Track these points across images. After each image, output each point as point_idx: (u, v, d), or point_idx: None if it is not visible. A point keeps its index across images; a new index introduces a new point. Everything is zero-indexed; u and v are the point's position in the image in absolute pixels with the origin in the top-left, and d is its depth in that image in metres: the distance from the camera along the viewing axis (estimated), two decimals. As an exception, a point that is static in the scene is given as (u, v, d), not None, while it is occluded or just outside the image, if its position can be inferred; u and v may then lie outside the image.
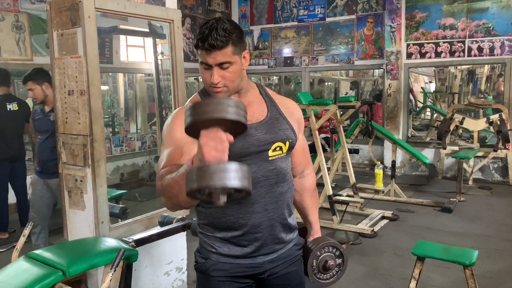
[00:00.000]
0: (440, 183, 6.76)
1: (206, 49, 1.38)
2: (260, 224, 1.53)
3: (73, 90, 2.54)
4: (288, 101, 1.68)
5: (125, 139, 6.67)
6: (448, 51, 7.00)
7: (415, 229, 4.70)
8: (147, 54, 6.61)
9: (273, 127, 1.54)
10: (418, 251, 2.81)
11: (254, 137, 1.49)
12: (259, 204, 1.52)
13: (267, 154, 1.52)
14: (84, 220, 2.63)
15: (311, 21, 8.14)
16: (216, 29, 1.37)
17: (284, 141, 1.55)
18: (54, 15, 2.56)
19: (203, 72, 1.44)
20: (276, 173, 1.55)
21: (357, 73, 11.21)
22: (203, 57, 1.41)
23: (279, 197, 1.56)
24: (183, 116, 1.21)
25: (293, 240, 1.67)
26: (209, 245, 1.58)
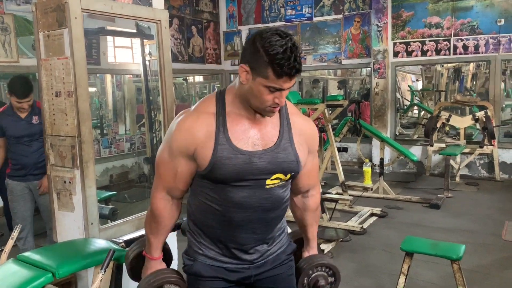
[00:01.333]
0: (427, 180, 6.84)
1: (293, 75, 1.32)
2: (246, 243, 1.54)
3: (60, 92, 2.53)
4: (306, 124, 1.58)
5: (113, 140, 6.63)
6: (434, 50, 7.08)
7: (404, 225, 4.75)
8: (135, 55, 6.59)
9: (278, 158, 1.46)
10: (407, 247, 2.85)
11: (255, 165, 1.43)
12: (248, 226, 1.51)
13: (265, 182, 1.47)
14: (73, 222, 2.61)
15: (299, 21, 8.17)
16: (296, 56, 1.30)
17: (285, 173, 1.49)
18: (40, 16, 2.55)
19: (265, 94, 1.35)
20: (271, 201, 1.51)
21: (345, 72, 11.27)
22: (279, 83, 1.33)
23: (270, 221, 1.55)
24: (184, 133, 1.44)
25: (282, 245, 1.65)
26: (196, 246, 1.59)
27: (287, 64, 1.29)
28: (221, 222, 1.51)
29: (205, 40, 8.42)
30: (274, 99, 1.37)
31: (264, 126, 1.48)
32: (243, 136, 1.44)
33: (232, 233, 1.51)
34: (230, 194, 1.46)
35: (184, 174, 1.49)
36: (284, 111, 1.53)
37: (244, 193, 1.46)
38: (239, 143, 1.43)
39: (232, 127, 1.44)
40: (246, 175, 1.43)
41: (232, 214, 1.48)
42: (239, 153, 1.42)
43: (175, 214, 1.60)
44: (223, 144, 1.41)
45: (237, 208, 1.47)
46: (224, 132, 1.42)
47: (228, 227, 1.51)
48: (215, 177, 1.44)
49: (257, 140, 1.45)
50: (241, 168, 1.42)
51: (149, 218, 1.60)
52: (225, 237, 1.53)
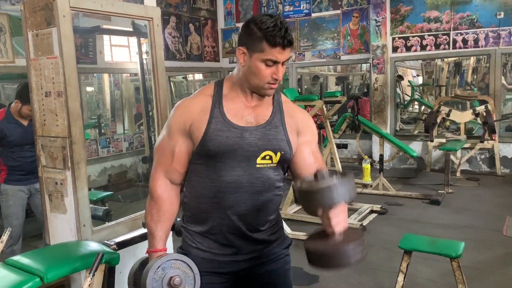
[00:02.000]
0: (428, 175, 6.79)
1: (285, 46, 1.41)
2: (238, 228, 1.54)
3: (50, 92, 2.49)
4: (298, 112, 1.64)
5: (111, 140, 6.60)
6: (433, 44, 7.02)
7: (404, 222, 4.71)
8: (132, 54, 6.54)
9: (269, 135, 1.51)
10: (405, 245, 2.81)
11: (246, 140, 1.49)
12: (239, 207, 1.51)
13: (255, 160, 1.50)
14: (66, 224, 2.57)
15: (297, 17, 8.11)
16: (287, 29, 1.41)
17: (275, 151, 1.52)
18: (29, 15, 2.51)
19: (263, 69, 1.44)
20: (262, 181, 1.52)
21: (345, 68, 11.21)
22: (275, 55, 1.41)
23: (262, 206, 1.54)
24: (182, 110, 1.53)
25: (278, 238, 1.64)
26: (190, 239, 1.59)
27: (278, 35, 1.39)
28: (213, 205, 1.52)
29: (203, 37, 8.36)
30: (272, 74, 1.44)
31: (258, 108, 1.55)
32: (237, 114, 1.51)
33: (224, 216, 1.52)
34: (221, 173, 1.49)
35: (182, 154, 1.54)
36: (277, 98, 1.60)
37: (235, 172, 1.49)
38: (233, 119, 1.50)
39: (227, 105, 1.52)
40: (237, 149, 1.47)
41: (223, 194, 1.50)
42: (232, 127, 1.48)
43: (175, 200, 1.60)
44: (217, 118, 1.49)
45: (228, 187, 1.50)
46: (219, 108, 1.51)
47: (219, 210, 1.52)
48: (208, 149, 1.48)
49: (250, 119, 1.52)
50: (233, 142, 1.47)
51: (148, 207, 1.59)
52: (218, 222, 1.53)
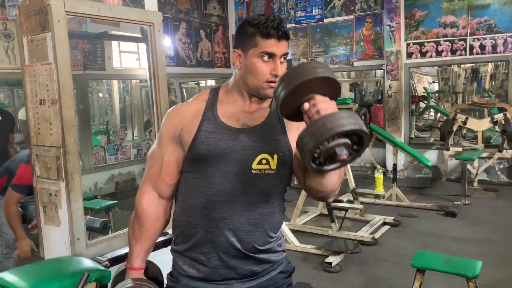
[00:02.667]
0: (444, 185, 6.56)
1: (280, 37, 1.33)
2: (232, 245, 1.37)
3: (44, 99, 2.39)
4: None
5: (119, 147, 6.53)
6: (449, 50, 6.81)
7: (418, 235, 4.51)
8: (142, 60, 6.48)
9: (265, 136, 1.38)
10: (418, 263, 2.63)
11: (241, 142, 1.36)
12: (232, 221, 1.36)
13: (250, 165, 1.36)
14: (60, 237, 2.47)
15: (309, 23, 7.99)
16: (281, 21, 1.34)
17: (271, 154, 1.37)
18: (23, 20, 2.42)
19: (260, 66, 1.34)
20: (258, 190, 1.37)
21: (359, 74, 11.04)
22: (269, 46, 1.33)
23: (258, 219, 1.38)
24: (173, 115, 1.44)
25: (278, 265, 1.48)
26: (179, 267, 1.44)
27: (271, 25, 1.32)
28: (203, 217, 1.37)
29: (213, 44, 8.29)
30: (271, 70, 1.35)
31: (256, 111, 1.43)
32: (232, 116, 1.41)
33: (215, 230, 1.36)
34: (212, 180, 1.36)
35: (171, 163, 1.43)
36: (275, 104, 1.42)
37: (227, 178, 1.36)
38: (227, 121, 1.40)
39: (222, 108, 1.42)
40: (230, 152, 1.35)
41: (214, 204, 1.36)
42: (226, 129, 1.38)
43: (161, 216, 1.48)
44: (209, 120, 1.39)
45: (219, 196, 1.35)
46: (212, 111, 1.41)
47: (210, 223, 1.37)
48: (198, 153, 1.36)
49: (246, 121, 1.41)
50: (226, 144, 1.35)
51: (132, 220, 1.50)
52: (208, 238, 1.37)
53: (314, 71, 1.16)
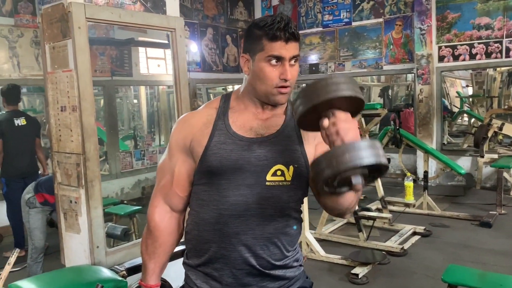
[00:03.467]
0: (478, 194, 6.29)
1: (287, 39, 1.24)
2: (246, 260, 1.29)
3: (65, 106, 2.40)
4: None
5: (146, 152, 6.56)
6: (483, 53, 6.55)
7: (450, 246, 4.31)
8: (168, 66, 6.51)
9: (280, 145, 1.30)
10: (449, 278, 2.49)
11: (254, 153, 1.28)
12: (246, 235, 1.28)
13: (264, 177, 1.28)
14: (80, 244, 2.46)
15: (337, 26, 7.85)
16: (289, 22, 1.24)
17: (287, 165, 1.29)
18: (46, 27, 2.43)
19: (268, 70, 1.26)
20: (272, 203, 1.29)
21: (389, 78, 10.79)
22: (276, 49, 1.24)
23: (273, 233, 1.30)
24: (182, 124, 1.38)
25: (295, 281, 1.39)
26: (191, 281, 1.37)
27: (277, 26, 1.23)
28: (215, 232, 1.30)
29: (240, 49, 8.26)
30: (280, 75, 1.26)
31: (270, 120, 1.35)
32: (245, 125, 1.33)
33: (228, 245, 1.29)
34: (225, 193, 1.29)
35: (182, 176, 1.36)
36: (290, 112, 1.37)
37: (241, 191, 1.28)
38: (239, 130, 1.32)
39: (234, 117, 1.35)
40: (243, 164, 1.28)
41: (227, 219, 1.28)
42: (238, 139, 1.30)
43: (174, 230, 1.42)
44: (221, 130, 1.32)
45: (233, 210, 1.28)
46: (223, 120, 1.33)
47: (224, 239, 1.29)
48: (210, 165, 1.29)
49: (260, 130, 1.33)
50: (239, 156, 1.28)
51: (144, 235, 1.44)
52: (221, 254, 1.30)
53: (336, 89, 1.09)
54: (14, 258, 2.10)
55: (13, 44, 5.26)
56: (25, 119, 4.38)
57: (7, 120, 4.32)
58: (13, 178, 4.31)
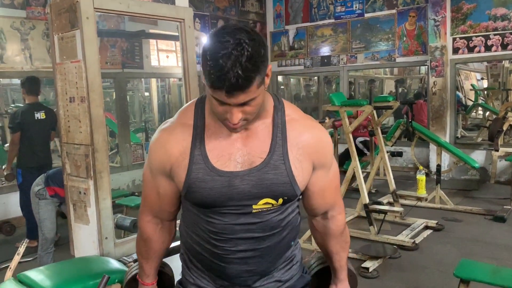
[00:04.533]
0: (492, 188, 6.18)
1: (228, 92, 1.03)
2: (238, 276, 1.26)
3: (74, 97, 2.39)
4: (309, 132, 1.24)
5: (157, 144, 6.58)
6: (499, 44, 6.40)
7: (463, 241, 4.25)
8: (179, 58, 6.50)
9: (265, 179, 1.18)
10: (462, 273, 2.44)
11: (237, 189, 1.17)
12: (236, 255, 1.23)
13: (251, 207, 1.20)
14: (89, 235, 2.47)
15: (349, 18, 7.75)
16: (240, 62, 1.00)
17: (276, 198, 1.20)
18: (54, 18, 2.42)
19: (215, 105, 1.10)
20: (261, 226, 1.22)
21: (402, 70, 10.66)
22: (220, 95, 1.06)
23: (267, 250, 1.25)
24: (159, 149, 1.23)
25: (291, 277, 1.35)
26: (187, 273, 1.36)
27: (217, 76, 1.02)
28: (207, 250, 1.26)
29: (251, 41, 8.20)
30: (225, 113, 1.10)
31: (252, 139, 1.20)
32: (223, 153, 1.19)
33: (220, 261, 1.24)
34: (210, 220, 1.22)
35: (168, 195, 1.29)
36: (280, 119, 1.22)
37: (226, 219, 1.21)
38: (217, 162, 1.18)
39: (211, 142, 1.20)
40: (225, 200, 1.18)
41: (215, 242, 1.23)
42: (217, 175, 1.17)
43: (166, 238, 1.40)
44: (198, 163, 1.18)
45: (220, 234, 1.22)
46: (200, 148, 1.19)
47: (215, 256, 1.25)
48: (193, 201, 1.23)
49: (240, 157, 1.19)
50: (219, 193, 1.17)
51: (138, 242, 1.43)
52: (214, 268, 1.27)
53: None
54: (23, 248, 2.11)
55: (25, 37, 5.28)
56: (45, 113, 4.42)
57: (27, 112, 4.36)
58: (29, 170, 4.35)
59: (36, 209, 3.39)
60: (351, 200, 5.17)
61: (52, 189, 3.31)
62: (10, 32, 5.17)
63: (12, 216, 5.02)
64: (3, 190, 5.12)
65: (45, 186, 3.32)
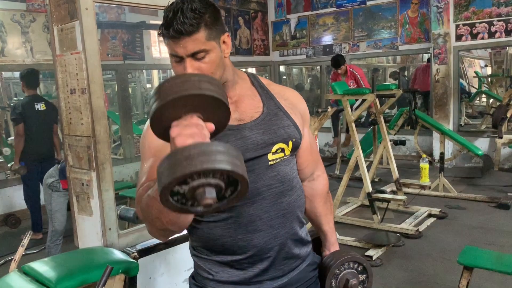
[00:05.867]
0: (496, 175, 6.17)
1: (173, 37, 1.10)
2: (265, 245, 1.25)
3: (74, 89, 2.38)
4: (288, 91, 1.40)
5: (159, 136, 6.58)
6: (503, 31, 6.34)
7: (466, 228, 4.25)
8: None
9: (272, 125, 1.26)
10: (465, 260, 2.45)
11: (250, 139, 1.22)
12: (262, 220, 1.23)
13: (267, 158, 1.24)
14: (92, 227, 2.47)
15: (351, 6, 7.69)
16: (182, 10, 1.09)
17: (286, 141, 1.27)
18: (53, 9, 2.41)
19: (175, 66, 1.17)
20: (280, 179, 1.26)
21: (405, 58, 10.59)
22: (171, 47, 1.14)
23: (287, 208, 1.28)
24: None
25: (307, 258, 1.38)
26: (204, 270, 1.30)
27: (168, 22, 1.10)
28: (229, 227, 1.23)
29: (252, 31, 8.16)
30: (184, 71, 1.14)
31: (241, 101, 1.28)
32: None
33: (245, 236, 1.23)
34: None
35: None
36: (257, 83, 1.34)
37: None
38: None
39: None
40: (242, 153, 1.12)
41: (238, 210, 1.22)
42: (226, 129, 1.10)
43: None
44: None
45: (245, 201, 1.21)
46: None
47: (239, 230, 1.23)
48: None
49: (240, 115, 1.25)
50: (234, 145, 1.19)
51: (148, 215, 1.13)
52: (239, 246, 1.24)
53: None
54: (27, 240, 2.12)
55: (25, 29, 5.27)
56: (45, 104, 4.44)
57: (28, 104, 4.38)
58: (31, 162, 4.38)
59: (48, 200, 3.41)
60: (354, 189, 5.17)
61: (66, 182, 3.31)
62: (11, 25, 5.16)
63: (17, 209, 5.06)
64: (7, 183, 5.16)
65: (60, 179, 3.33)
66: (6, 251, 4.07)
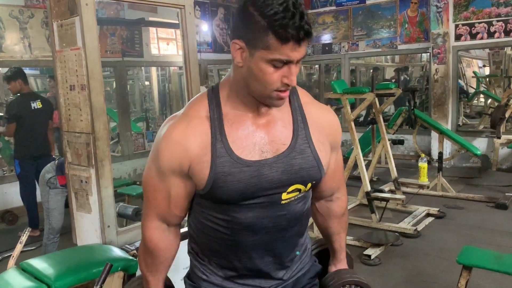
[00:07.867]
0: (494, 175, 6.18)
1: (301, 40, 1.01)
2: (259, 268, 1.24)
3: (74, 85, 2.37)
4: (326, 117, 1.26)
5: (158, 133, 6.57)
6: (502, 31, 6.35)
7: (464, 228, 4.25)
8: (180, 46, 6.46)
9: (294, 165, 1.16)
10: (464, 260, 2.45)
11: (267, 178, 1.14)
12: (259, 250, 1.22)
13: (280, 197, 1.17)
14: (91, 224, 2.46)
15: (350, 5, 7.68)
16: (302, 10, 1.00)
17: (305, 183, 1.20)
18: (53, 5, 2.39)
19: (269, 72, 1.04)
20: (287, 218, 1.21)
21: (404, 58, 10.59)
22: (286, 52, 1.02)
23: (288, 240, 1.25)
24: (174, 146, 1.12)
25: (304, 266, 1.35)
26: (200, 270, 1.29)
27: (291, 24, 0.99)
28: (228, 247, 1.22)
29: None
30: (283, 78, 1.05)
31: (273, 125, 1.17)
32: (247, 143, 1.14)
33: (242, 257, 1.22)
34: (236, 215, 1.17)
35: (180, 197, 1.20)
36: (296, 102, 1.21)
37: (253, 213, 1.16)
38: (243, 152, 1.13)
39: (232, 133, 1.14)
40: (255, 191, 1.13)
41: (240, 237, 1.19)
42: (244, 165, 1.12)
43: (174, 244, 1.29)
44: (222, 157, 1.12)
45: (246, 230, 1.18)
46: (222, 141, 1.13)
47: (237, 251, 1.22)
48: (217, 198, 1.15)
49: (265, 146, 1.15)
50: (249, 184, 1.12)
51: (143, 252, 1.30)
52: (234, 263, 1.24)
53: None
54: (25, 237, 2.11)
55: (24, 25, 5.24)
56: (41, 102, 4.41)
57: (24, 103, 4.34)
58: (26, 160, 4.35)
59: (45, 198, 3.39)
60: (353, 188, 5.17)
61: (63, 178, 3.29)
62: (9, 20, 5.13)
63: (14, 206, 5.03)
64: (4, 179, 5.14)
65: (57, 175, 3.30)
66: (3, 247, 4.05)
